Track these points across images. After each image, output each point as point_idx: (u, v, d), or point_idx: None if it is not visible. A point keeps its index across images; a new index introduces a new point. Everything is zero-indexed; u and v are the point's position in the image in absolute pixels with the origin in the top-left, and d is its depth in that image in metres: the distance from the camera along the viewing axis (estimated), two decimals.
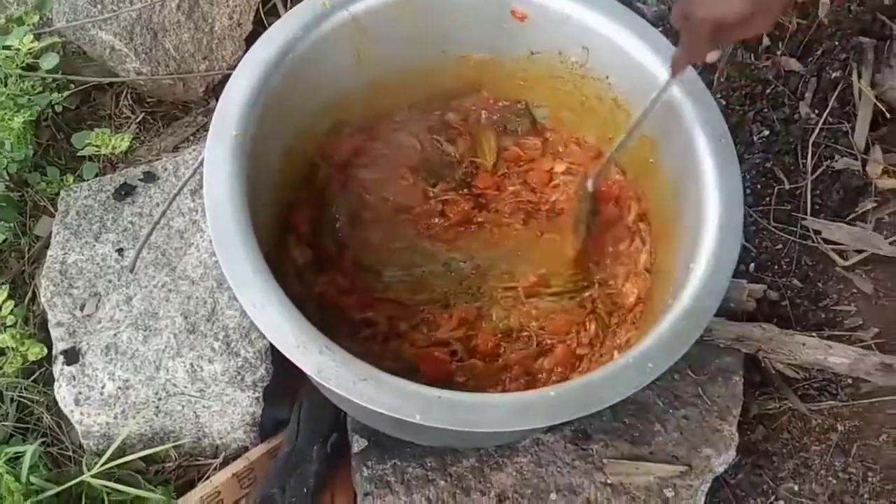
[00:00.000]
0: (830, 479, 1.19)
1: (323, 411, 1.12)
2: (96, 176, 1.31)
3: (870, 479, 1.19)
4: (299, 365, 0.82)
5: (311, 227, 1.09)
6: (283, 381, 1.12)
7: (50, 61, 1.28)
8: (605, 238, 1.11)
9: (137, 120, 1.41)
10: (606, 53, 1.06)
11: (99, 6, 1.31)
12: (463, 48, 1.12)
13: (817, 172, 1.43)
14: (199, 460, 1.15)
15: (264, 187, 0.98)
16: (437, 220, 1.13)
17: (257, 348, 1.08)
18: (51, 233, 1.19)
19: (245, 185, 0.90)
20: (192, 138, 1.40)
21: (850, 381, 1.26)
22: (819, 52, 1.48)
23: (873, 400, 1.24)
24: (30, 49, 1.23)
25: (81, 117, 1.41)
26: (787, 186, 1.42)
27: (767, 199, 1.42)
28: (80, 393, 1.06)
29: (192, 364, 1.06)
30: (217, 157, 0.90)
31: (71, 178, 1.31)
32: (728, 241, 0.93)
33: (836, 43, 1.47)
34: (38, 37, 1.30)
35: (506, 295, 1.11)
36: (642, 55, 1.04)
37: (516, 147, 1.19)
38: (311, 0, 1.01)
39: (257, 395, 1.09)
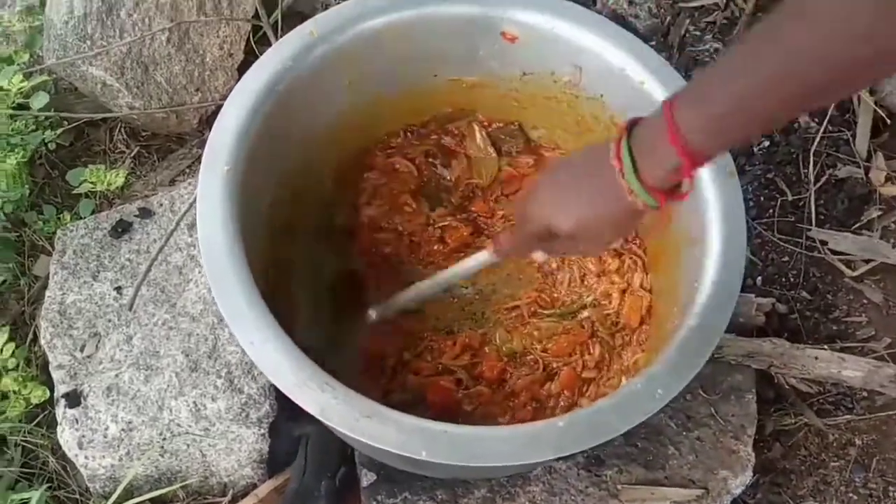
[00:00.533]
0: (851, 495, 1.17)
1: (330, 445, 1.10)
2: (93, 213, 1.30)
3: (891, 494, 1.17)
4: (301, 404, 0.81)
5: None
6: (290, 416, 1.10)
7: (40, 100, 1.27)
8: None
9: (132, 154, 1.40)
10: (599, 72, 1.05)
11: (88, 42, 1.30)
12: (455, 72, 1.11)
13: (820, 182, 1.41)
14: (207, 499, 1.13)
15: (260, 221, 0.97)
16: (437, 246, 1.13)
17: (261, 384, 1.06)
18: (48, 273, 1.18)
19: (239, 221, 0.89)
20: (188, 170, 1.39)
21: (865, 393, 1.23)
22: None
23: (890, 412, 1.22)
24: (20, 89, 1.23)
25: (76, 154, 1.40)
26: (790, 197, 1.40)
27: (771, 210, 1.40)
28: (83, 436, 1.05)
29: (195, 403, 1.05)
30: (209, 192, 0.89)
31: (68, 216, 1.30)
32: (733, 257, 0.92)
33: None
34: (28, 76, 1.29)
35: (509, 316, 1.10)
36: (634, 72, 1.03)
37: (510, 167, 1.18)
38: (300, 30, 1.00)
39: (263, 431, 1.07)
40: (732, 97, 0.60)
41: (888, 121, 1.44)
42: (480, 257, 0.94)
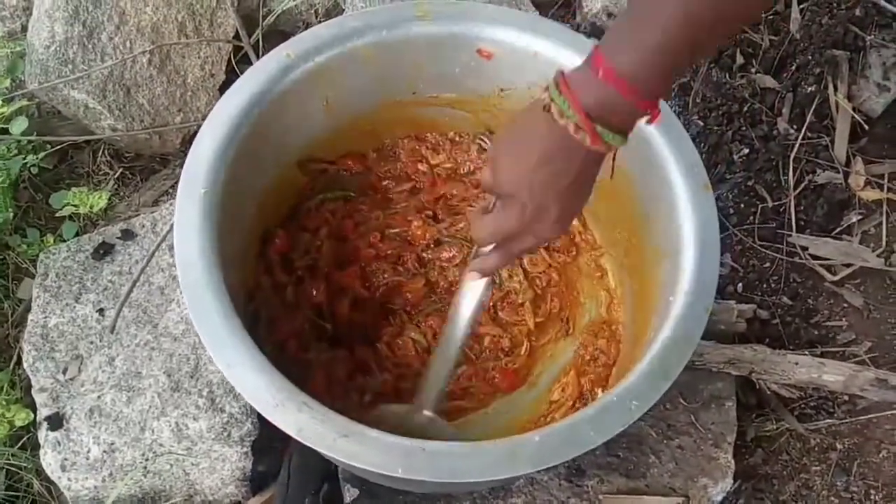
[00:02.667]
0: (833, 499, 1.18)
1: (313, 462, 1.10)
2: (76, 235, 1.30)
3: (872, 497, 1.17)
4: (278, 425, 0.81)
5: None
6: (273, 433, 1.10)
7: (20, 125, 1.28)
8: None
9: (116, 176, 1.41)
10: None
11: (70, 66, 1.31)
12: (432, 89, 1.12)
13: (800, 188, 1.42)
14: None
15: (241, 244, 0.97)
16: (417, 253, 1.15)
17: (242, 403, 1.07)
18: (32, 296, 1.18)
19: (217, 244, 0.90)
20: (171, 191, 1.40)
21: (846, 398, 1.24)
22: (793, 68, 1.48)
23: (871, 416, 1.23)
24: (0, 114, 1.24)
25: (60, 176, 1.41)
26: (770, 204, 1.42)
27: (751, 217, 1.41)
28: (65, 459, 1.05)
29: (177, 423, 1.05)
30: (186, 216, 0.90)
31: (52, 239, 1.31)
32: (707, 268, 0.92)
33: (810, 57, 1.47)
34: (9, 101, 1.30)
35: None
36: None
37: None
38: (276, 52, 1.01)
39: (245, 449, 1.07)
40: (665, 29, 0.61)
41: (866, 126, 1.46)
42: (474, 292, 0.87)
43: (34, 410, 1.12)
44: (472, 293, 0.88)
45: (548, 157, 0.69)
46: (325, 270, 1.10)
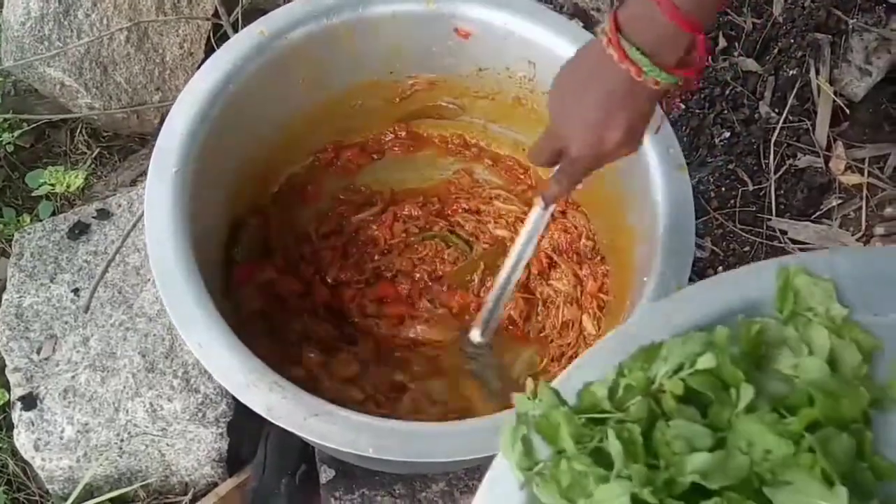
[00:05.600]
0: None
1: (290, 443, 1.10)
2: (53, 214, 1.29)
3: None
4: (248, 404, 0.81)
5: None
6: (249, 414, 1.10)
7: None
8: None
9: (94, 155, 1.40)
10: (551, 67, 1.04)
11: (46, 43, 1.29)
12: (410, 69, 1.11)
13: (780, 172, 1.42)
14: (168, 498, 1.13)
15: (211, 223, 0.97)
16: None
17: (217, 384, 1.06)
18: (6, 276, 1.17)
19: (188, 223, 0.89)
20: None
21: None
22: (776, 51, 1.48)
23: None
24: None
25: (37, 155, 1.40)
26: (751, 188, 1.41)
27: (732, 201, 1.41)
28: (38, 439, 1.05)
29: (151, 403, 1.05)
30: (157, 195, 0.89)
31: (28, 219, 1.30)
32: (680, 249, 0.92)
33: (792, 41, 1.47)
34: None
35: None
36: None
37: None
38: (250, 29, 1.00)
39: (221, 430, 1.07)
40: None
41: (847, 110, 1.45)
42: (535, 218, 0.90)
43: (8, 391, 1.12)
44: (530, 225, 0.91)
45: (612, 93, 0.70)
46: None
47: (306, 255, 1.13)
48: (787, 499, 0.48)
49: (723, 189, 1.42)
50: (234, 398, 1.07)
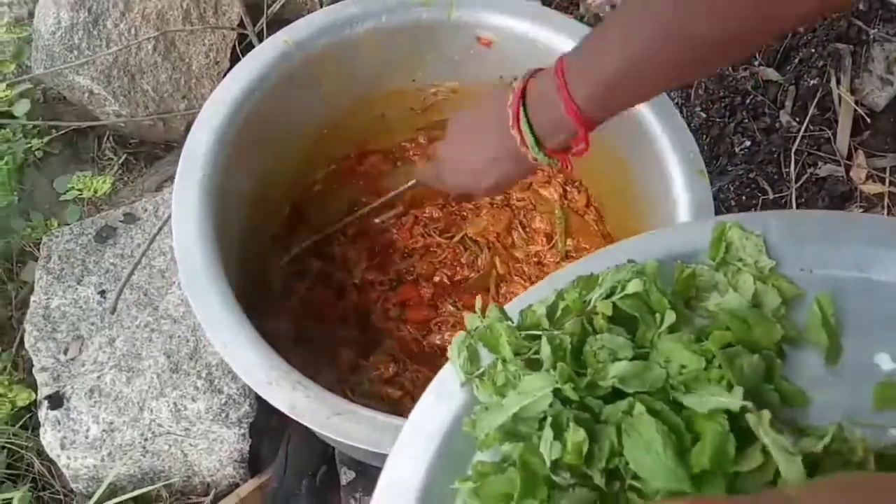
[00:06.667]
0: None
1: (310, 444, 1.11)
2: (80, 219, 1.32)
3: None
4: (272, 402, 0.82)
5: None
6: (271, 416, 1.12)
7: (22, 107, 1.30)
8: None
9: (120, 161, 1.43)
10: None
11: (75, 52, 1.32)
12: (431, 77, 1.13)
13: (801, 181, 1.42)
14: (190, 499, 1.14)
15: (237, 226, 0.98)
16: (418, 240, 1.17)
17: (240, 384, 1.08)
18: (35, 278, 1.20)
19: (215, 225, 0.91)
20: (174, 177, 1.41)
21: None
22: (796, 61, 1.48)
23: None
24: (4, 97, 1.25)
25: (65, 161, 1.43)
26: (771, 196, 1.42)
27: (753, 209, 1.41)
28: (65, 437, 1.06)
29: (175, 403, 1.07)
30: (185, 198, 0.91)
31: (55, 223, 1.32)
32: None
33: (813, 50, 1.47)
34: (12, 85, 1.32)
35: None
36: None
37: None
38: (274, 38, 1.01)
39: (243, 431, 1.09)
40: (615, 71, 0.63)
41: (868, 119, 1.45)
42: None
43: (35, 391, 1.14)
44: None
45: (514, 176, 0.80)
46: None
47: (337, 257, 1.14)
48: (694, 401, 0.52)
49: (743, 198, 1.42)
50: (256, 399, 1.09)
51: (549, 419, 0.53)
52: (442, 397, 0.61)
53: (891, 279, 0.59)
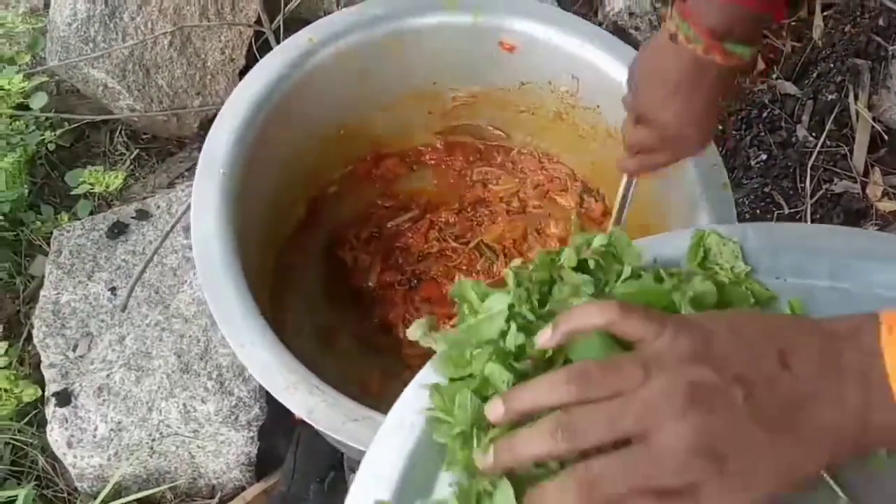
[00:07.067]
0: None
1: (320, 449, 1.10)
2: (91, 214, 1.30)
3: None
4: (288, 406, 0.81)
5: None
6: (280, 420, 1.10)
7: (39, 100, 1.28)
8: None
9: (132, 156, 1.41)
10: (596, 83, 1.06)
11: (91, 44, 1.31)
12: (453, 80, 1.12)
13: (817, 196, 1.41)
14: (195, 501, 1.13)
15: (255, 225, 0.97)
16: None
17: (251, 387, 1.07)
18: (44, 273, 1.18)
19: (234, 224, 0.90)
20: (186, 174, 1.40)
21: None
22: (814, 75, 1.48)
23: None
24: (20, 89, 1.24)
25: (76, 155, 1.41)
26: (786, 211, 1.41)
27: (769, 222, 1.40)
28: (72, 435, 1.05)
29: (184, 404, 1.05)
30: (204, 195, 0.90)
31: (66, 217, 1.31)
32: None
33: (832, 65, 1.47)
34: (29, 76, 1.31)
35: None
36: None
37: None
38: (298, 36, 1.00)
39: (252, 434, 1.07)
40: None
41: (886, 136, 1.44)
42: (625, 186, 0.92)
43: (42, 387, 1.12)
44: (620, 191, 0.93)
45: (681, 84, 0.70)
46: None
47: (348, 261, 1.13)
48: None
49: (758, 211, 1.42)
50: (267, 402, 1.08)
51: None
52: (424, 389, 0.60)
53: (863, 290, 0.60)
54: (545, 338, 0.50)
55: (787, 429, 0.43)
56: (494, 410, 0.48)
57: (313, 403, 0.80)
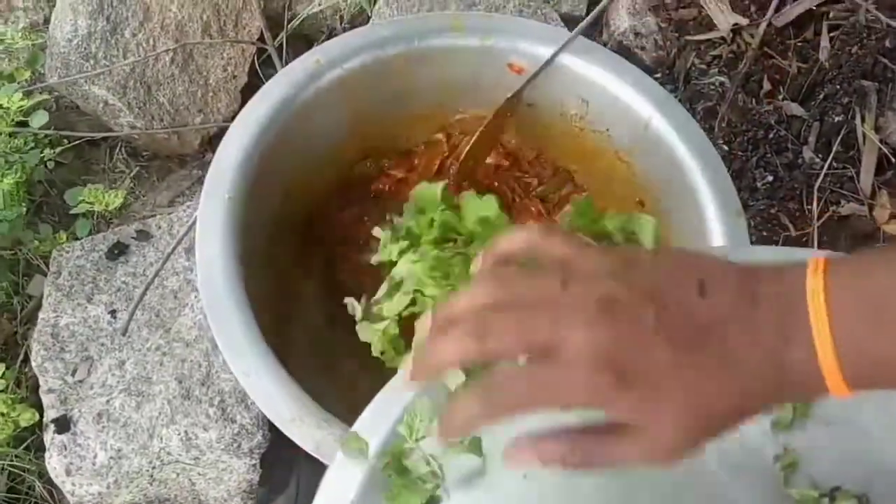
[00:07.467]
0: None
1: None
2: (90, 233, 1.28)
3: None
4: (295, 440, 0.79)
5: None
6: (283, 447, 1.08)
7: (40, 119, 1.26)
8: None
9: (132, 174, 1.39)
10: (605, 105, 1.04)
11: (91, 61, 1.29)
12: (461, 102, 1.11)
13: (823, 218, 1.40)
14: None
15: (258, 249, 0.95)
16: None
17: (254, 413, 1.05)
18: (43, 294, 1.16)
19: (238, 249, 0.88)
20: (187, 192, 1.38)
21: None
22: (821, 96, 1.47)
23: None
24: (20, 107, 1.22)
25: (76, 172, 1.39)
26: (793, 233, 1.40)
27: (774, 246, 1.39)
28: (71, 463, 1.03)
29: (186, 432, 1.03)
30: (210, 219, 0.88)
31: (64, 236, 1.29)
32: None
33: (838, 87, 1.46)
34: (29, 93, 1.28)
35: None
36: (641, 107, 1.02)
37: None
38: (305, 58, 0.99)
39: (254, 462, 1.05)
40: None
41: (893, 159, 1.44)
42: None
43: (40, 411, 1.10)
44: None
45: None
46: None
47: (345, 281, 1.11)
48: None
49: (764, 233, 1.40)
50: (270, 429, 1.06)
51: None
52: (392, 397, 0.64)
53: None
54: (474, 265, 0.51)
55: (694, 349, 0.41)
56: (425, 322, 0.50)
57: (320, 437, 0.79)
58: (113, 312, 1.12)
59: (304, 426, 0.79)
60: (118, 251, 1.17)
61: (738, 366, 0.41)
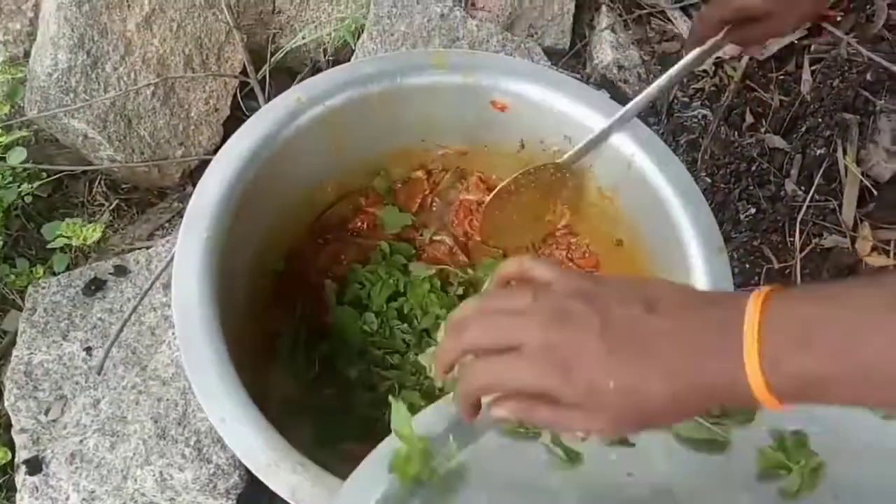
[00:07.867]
0: None
1: None
2: (68, 267, 1.26)
3: None
4: (271, 486, 0.77)
5: None
6: (259, 488, 1.06)
7: (17, 156, 1.25)
8: None
9: (111, 207, 1.38)
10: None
11: (71, 95, 1.28)
12: (443, 139, 1.10)
13: (806, 251, 1.40)
14: None
15: (236, 288, 0.94)
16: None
17: (230, 454, 1.03)
18: (17, 330, 1.14)
19: (216, 289, 0.87)
20: (167, 225, 1.36)
21: None
22: (803, 129, 1.47)
23: None
24: None
25: (54, 205, 1.37)
26: (776, 266, 1.39)
27: (756, 278, 1.39)
28: None
29: (161, 472, 1.01)
30: (187, 259, 0.87)
31: (41, 270, 1.27)
32: None
33: (820, 119, 1.47)
34: (7, 129, 1.27)
35: None
36: (623, 144, 1.02)
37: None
38: (287, 95, 0.98)
39: (230, 502, 1.03)
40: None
41: (874, 191, 1.44)
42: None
43: (12, 450, 1.08)
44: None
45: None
46: None
47: (325, 321, 1.10)
48: None
49: (747, 265, 1.40)
50: (247, 470, 1.03)
51: None
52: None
53: None
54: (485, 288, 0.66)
55: (626, 350, 0.49)
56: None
57: (296, 482, 0.77)
58: (88, 350, 1.10)
59: (281, 472, 0.78)
60: (95, 287, 1.16)
61: (662, 364, 0.49)
